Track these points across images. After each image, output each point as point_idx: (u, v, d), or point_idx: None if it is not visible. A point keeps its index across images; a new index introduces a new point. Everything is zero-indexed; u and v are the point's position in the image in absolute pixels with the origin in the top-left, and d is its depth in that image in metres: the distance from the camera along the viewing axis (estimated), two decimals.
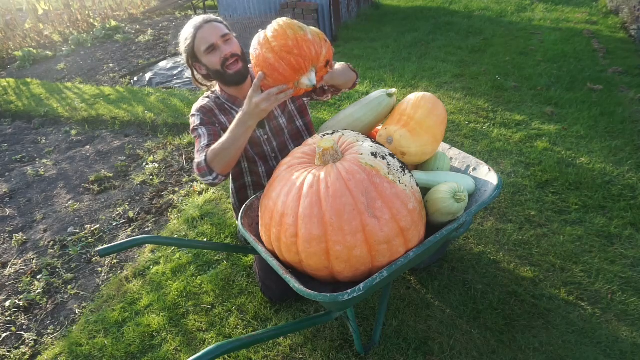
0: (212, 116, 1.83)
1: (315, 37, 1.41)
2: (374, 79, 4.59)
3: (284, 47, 1.36)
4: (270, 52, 1.37)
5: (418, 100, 1.67)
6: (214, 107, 1.85)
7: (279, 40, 1.36)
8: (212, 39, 1.67)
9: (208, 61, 1.71)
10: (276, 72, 1.40)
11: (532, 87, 4.04)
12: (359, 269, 1.33)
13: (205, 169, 1.61)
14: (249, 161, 1.97)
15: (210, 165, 1.60)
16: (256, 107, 1.47)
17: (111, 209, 2.98)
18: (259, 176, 2.00)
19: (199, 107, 1.84)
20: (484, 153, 3.05)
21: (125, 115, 4.29)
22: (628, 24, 5.45)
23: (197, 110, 1.83)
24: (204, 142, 1.71)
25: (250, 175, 2.02)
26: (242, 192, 2.07)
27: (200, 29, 1.67)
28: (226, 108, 1.87)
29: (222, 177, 1.64)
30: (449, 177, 1.63)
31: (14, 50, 7.36)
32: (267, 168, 1.98)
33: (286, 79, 1.42)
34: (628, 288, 1.95)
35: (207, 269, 2.31)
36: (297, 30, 1.38)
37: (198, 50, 1.70)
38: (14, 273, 2.50)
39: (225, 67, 1.71)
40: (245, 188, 2.06)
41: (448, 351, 1.74)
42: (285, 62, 1.37)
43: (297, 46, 1.36)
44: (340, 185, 1.28)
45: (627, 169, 2.73)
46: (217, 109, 1.85)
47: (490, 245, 2.25)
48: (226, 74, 1.73)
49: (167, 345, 1.91)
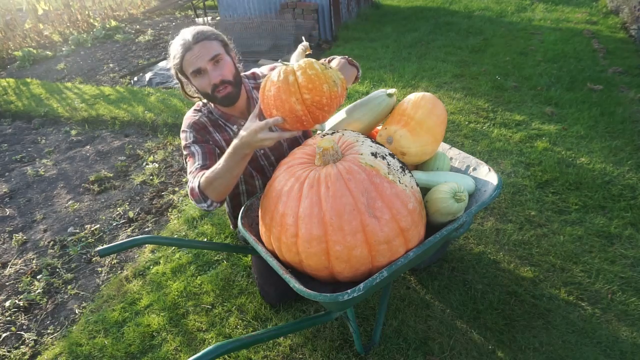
0: (205, 134, 1.74)
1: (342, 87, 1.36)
2: (374, 79, 4.59)
3: (318, 103, 1.31)
4: (301, 104, 1.30)
5: (418, 100, 1.67)
6: (207, 123, 1.76)
7: (313, 94, 1.30)
8: (200, 63, 1.55)
9: (197, 83, 1.62)
10: (299, 123, 1.34)
11: (532, 87, 4.04)
12: (359, 269, 1.33)
13: (199, 195, 1.53)
14: (245, 175, 1.91)
15: (205, 192, 1.52)
16: (258, 141, 1.38)
17: (111, 209, 2.98)
18: (254, 187, 1.98)
19: (191, 123, 1.74)
20: (484, 153, 3.05)
21: (125, 115, 4.29)
22: (628, 24, 5.45)
23: (189, 126, 1.73)
24: (198, 163, 1.63)
25: (245, 184, 1.99)
26: (236, 199, 2.06)
27: (189, 50, 1.54)
28: (220, 124, 1.79)
29: (217, 204, 1.56)
30: (449, 177, 1.63)
31: (14, 50, 7.36)
32: (264, 180, 1.95)
33: (305, 128, 1.39)
34: (628, 288, 1.95)
35: (207, 269, 2.31)
36: (332, 86, 1.32)
37: (186, 69, 1.59)
38: (14, 273, 2.50)
39: (215, 92, 1.62)
40: (239, 195, 2.03)
41: (448, 351, 1.75)
42: (312, 116, 1.34)
43: (329, 104, 1.33)
44: (340, 185, 1.28)
45: (627, 169, 2.73)
46: (210, 126, 1.76)
47: (490, 245, 2.25)
48: (216, 98, 1.65)
49: (167, 345, 1.91)
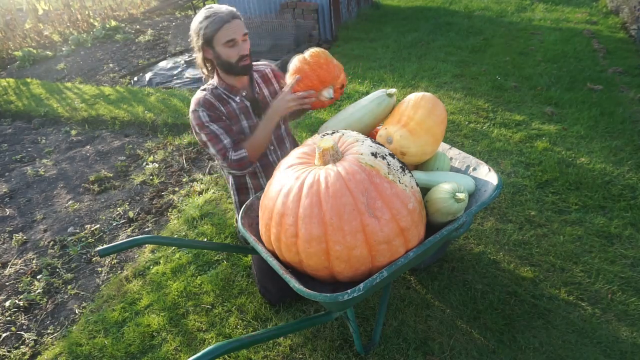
0: (214, 109, 1.89)
1: (338, 64, 1.88)
2: (374, 79, 4.59)
3: (317, 62, 1.82)
4: (306, 64, 1.82)
5: (418, 100, 1.67)
6: (212, 99, 1.91)
7: (313, 57, 1.83)
8: (236, 35, 1.80)
9: (224, 52, 1.81)
10: (307, 79, 1.82)
11: (532, 87, 4.04)
12: (359, 269, 1.33)
13: (249, 163, 1.88)
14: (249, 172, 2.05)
15: (252, 159, 1.89)
16: (286, 104, 1.79)
17: (111, 209, 2.98)
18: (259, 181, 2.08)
19: (201, 101, 1.88)
20: (484, 153, 3.05)
21: (125, 115, 4.29)
22: (628, 24, 5.45)
23: (198, 105, 1.87)
24: (226, 140, 1.85)
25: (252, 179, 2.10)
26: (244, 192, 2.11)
27: (226, 22, 1.78)
28: (224, 98, 1.93)
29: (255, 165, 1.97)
30: (449, 177, 1.63)
31: (14, 50, 7.36)
32: (268, 175, 2.06)
33: (314, 86, 1.83)
34: (628, 288, 1.95)
35: (207, 269, 2.31)
36: (327, 55, 1.86)
37: (218, 39, 1.79)
38: (14, 273, 2.50)
39: (239, 61, 1.85)
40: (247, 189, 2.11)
41: (448, 351, 1.75)
42: (315, 74, 1.81)
43: (325, 64, 1.83)
44: (340, 185, 1.28)
45: (627, 169, 2.73)
46: (216, 101, 1.91)
47: (490, 245, 2.25)
48: (237, 67, 1.87)
49: (167, 345, 1.91)
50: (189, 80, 5.44)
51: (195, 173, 3.30)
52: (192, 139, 3.73)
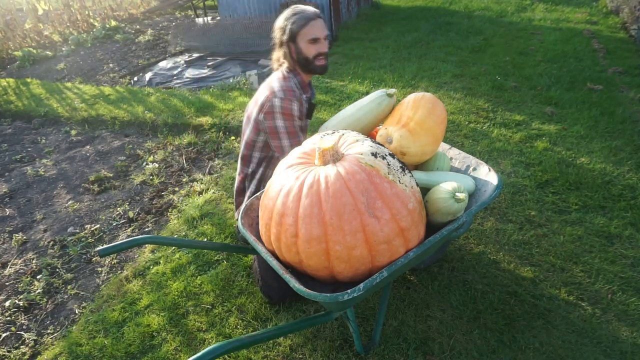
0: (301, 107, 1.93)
1: None
2: (374, 79, 4.58)
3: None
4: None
5: (418, 101, 1.67)
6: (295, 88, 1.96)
7: None
8: (320, 33, 1.90)
9: (306, 48, 1.89)
10: None
11: (532, 87, 4.04)
12: (359, 269, 1.33)
13: None
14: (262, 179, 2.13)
15: None
16: None
17: (111, 209, 2.98)
18: None
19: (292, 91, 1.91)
20: (484, 153, 3.05)
21: (125, 115, 4.29)
22: (628, 24, 5.45)
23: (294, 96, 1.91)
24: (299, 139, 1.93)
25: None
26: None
27: (312, 20, 1.88)
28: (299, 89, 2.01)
29: None
30: (449, 177, 1.63)
31: (14, 50, 7.36)
32: None
33: None
34: (628, 288, 1.95)
35: (207, 269, 2.31)
36: None
37: (303, 35, 1.87)
38: (14, 273, 2.50)
39: (315, 59, 1.92)
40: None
41: (448, 351, 1.74)
42: None
43: None
44: (340, 185, 1.28)
45: (627, 169, 2.73)
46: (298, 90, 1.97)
47: (490, 245, 2.25)
48: (312, 65, 1.94)
49: (167, 345, 1.91)
50: (189, 80, 5.45)
51: (195, 173, 3.30)
52: (192, 139, 3.73)
